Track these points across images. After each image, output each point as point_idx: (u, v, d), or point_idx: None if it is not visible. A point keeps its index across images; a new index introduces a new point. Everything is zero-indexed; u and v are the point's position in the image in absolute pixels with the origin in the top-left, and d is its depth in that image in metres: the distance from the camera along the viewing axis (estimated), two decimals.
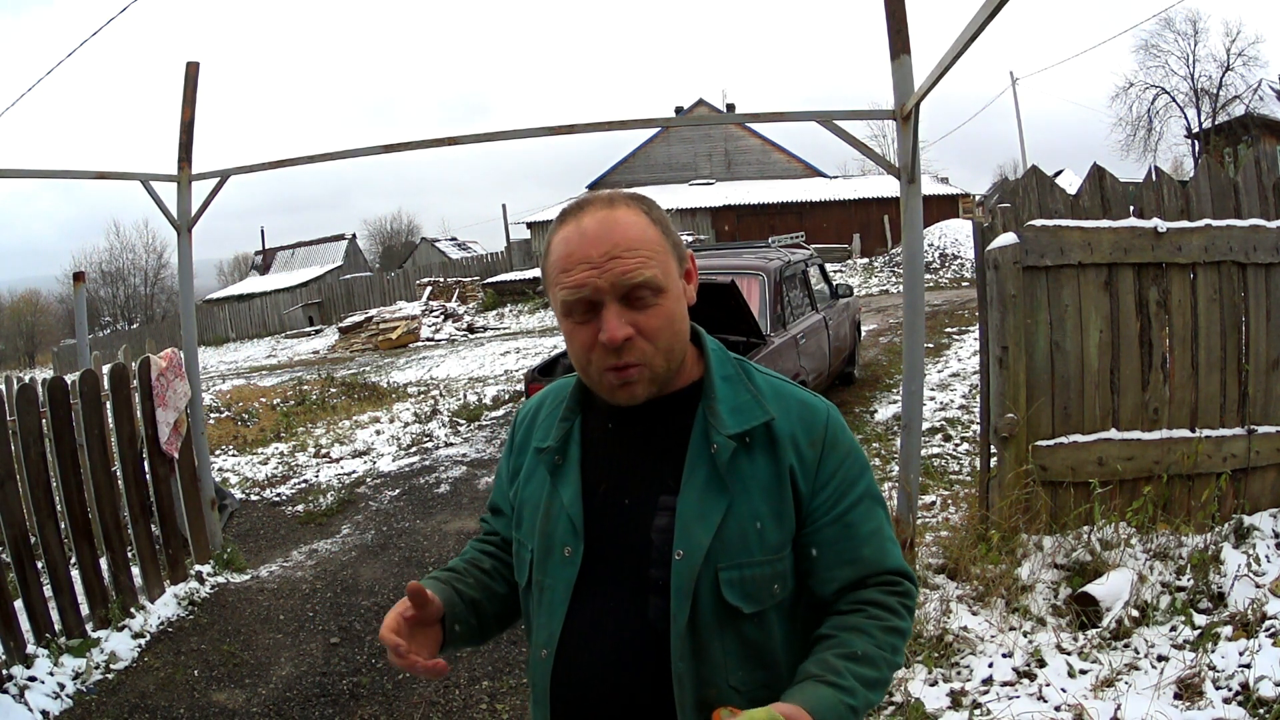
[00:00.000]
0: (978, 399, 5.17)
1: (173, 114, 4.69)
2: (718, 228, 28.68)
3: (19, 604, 3.73)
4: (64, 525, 4.02)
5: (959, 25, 2.84)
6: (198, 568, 4.75)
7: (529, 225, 31.27)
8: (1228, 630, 2.98)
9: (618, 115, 4.99)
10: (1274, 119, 24.75)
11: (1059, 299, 3.80)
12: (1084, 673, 2.94)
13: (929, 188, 26.44)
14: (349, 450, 8.07)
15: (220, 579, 4.80)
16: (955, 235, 19.56)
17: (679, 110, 33.80)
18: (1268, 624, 2.95)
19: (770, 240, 11.41)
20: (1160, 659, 2.96)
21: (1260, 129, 24.20)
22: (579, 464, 1.22)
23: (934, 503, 4.86)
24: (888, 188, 27.53)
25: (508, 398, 9.81)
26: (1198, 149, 26.73)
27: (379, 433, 8.61)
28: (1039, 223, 3.78)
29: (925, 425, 5.76)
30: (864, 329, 10.65)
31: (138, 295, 46.56)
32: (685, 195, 30.08)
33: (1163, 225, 3.79)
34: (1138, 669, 2.92)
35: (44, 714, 3.40)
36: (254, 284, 37.38)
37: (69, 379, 4.11)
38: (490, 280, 24.28)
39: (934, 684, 2.99)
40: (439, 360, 14.61)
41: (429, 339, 19.07)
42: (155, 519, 4.54)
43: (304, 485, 7.06)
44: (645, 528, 1.15)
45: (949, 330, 11.21)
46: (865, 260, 22.16)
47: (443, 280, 24.94)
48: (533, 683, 1.24)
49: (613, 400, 1.18)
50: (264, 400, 11.41)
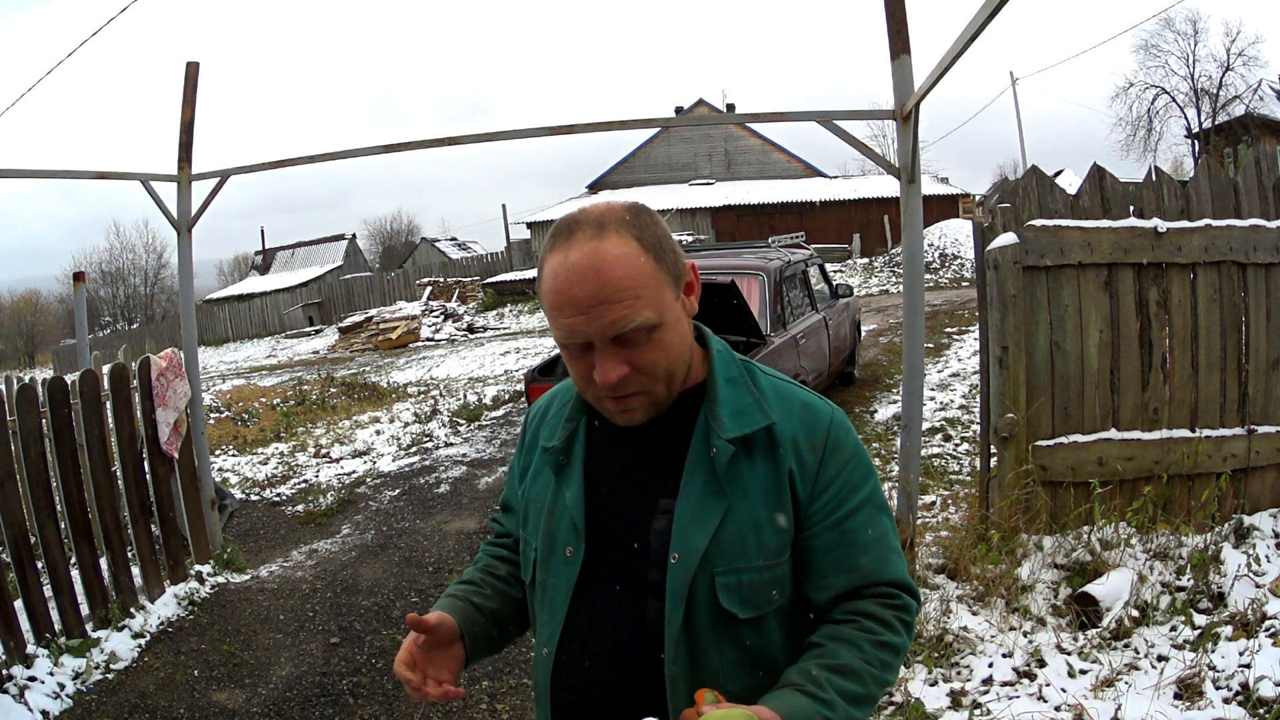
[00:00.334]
0: (978, 399, 5.17)
1: (173, 114, 4.69)
2: (718, 228, 28.67)
3: (19, 604, 3.73)
4: (64, 525, 4.02)
5: (959, 25, 2.84)
6: (198, 568, 4.75)
7: (529, 225, 31.26)
8: (1228, 630, 2.98)
9: (618, 115, 4.99)
10: (1274, 119, 24.75)
11: (1059, 299, 3.80)
12: (1084, 673, 2.94)
13: (929, 188, 26.43)
14: (349, 450, 8.07)
15: (220, 579, 4.80)
16: (955, 235, 19.55)
17: (679, 110, 33.80)
18: (1268, 624, 2.95)
19: (770, 240, 11.41)
20: (1160, 659, 2.96)
21: (1260, 129, 24.21)
22: (582, 464, 1.22)
23: (934, 503, 4.86)
24: (888, 188, 27.53)
25: (508, 398, 9.81)
26: (1198, 149, 26.74)
27: (379, 433, 8.61)
28: (1039, 223, 3.78)
29: (925, 425, 5.76)
30: (864, 329, 10.66)
31: (138, 295, 46.58)
32: (685, 195, 30.09)
33: (1163, 225, 3.79)
34: (1138, 669, 2.92)
35: (44, 714, 3.40)
36: (254, 284, 37.39)
37: (69, 379, 4.11)
38: (490, 280, 24.29)
39: (934, 684, 2.99)
40: (439, 360, 14.61)
41: (429, 339, 19.07)
42: (155, 519, 4.54)
43: (304, 485, 7.06)
44: (644, 530, 1.15)
45: (949, 330, 11.21)
46: (865, 260, 22.16)
47: (443, 280, 24.95)
48: (535, 681, 1.25)
49: (614, 421, 1.18)
50: (264, 400, 11.41)
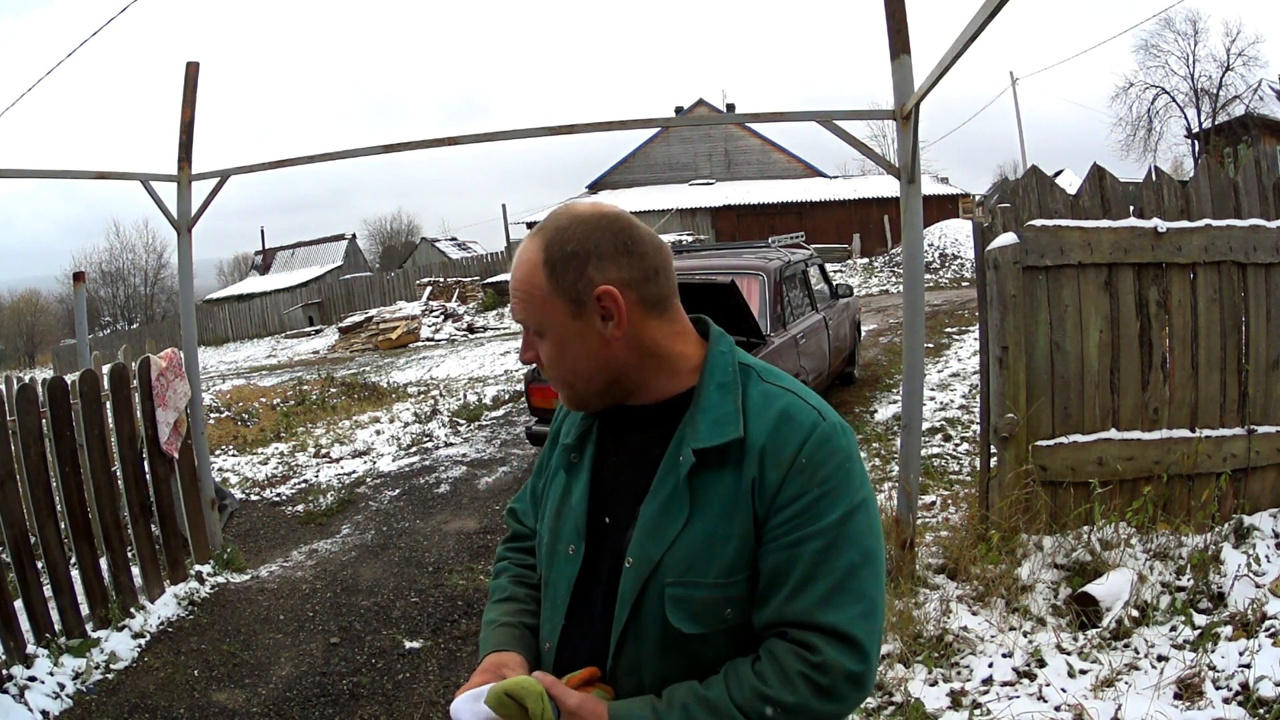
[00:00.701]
0: (978, 399, 5.17)
1: (173, 114, 4.69)
2: (718, 228, 28.68)
3: (19, 604, 3.73)
4: (64, 525, 4.01)
5: (959, 25, 2.84)
6: (198, 568, 4.75)
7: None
8: (1228, 630, 2.98)
9: (618, 115, 4.99)
10: (1274, 119, 24.76)
11: (1059, 299, 3.80)
12: (1084, 673, 2.94)
13: (929, 188, 26.43)
14: (349, 450, 8.07)
15: (220, 579, 4.80)
16: (955, 235, 19.55)
17: (679, 110, 33.80)
18: (1268, 624, 2.95)
19: (770, 240, 11.40)
20: (1160, 659, 2.96)
21: (1260, 129, 24.21)
22: (591, 463, 1.24)
23: (934, 503, 4.86)
24: (888, 188, 27.54)
25: (508, 398, 9.81)
26: (1198, 149, 26.74)
27: (379, 433, 8.61)
28: (1039, 223, 3.78)
29: (925, 425, 5.76)
30: (864, 329, 10.65)
31: (138, 295, 46.58)
32: (685, 195, 30.10)
33: (1163, 225, 3.79)
34: (1138, 669, 2.92)
35: (44, 714, 3.40)
36: (254, 284, 37.39)
37: (69, 379, 4.11)
38: (490, 280, 24.26)
39: (934, 684, 2.99)
40: (439, 360, 14.61)
41: (429, 339, 19.07)
42: (155, 519, 4.54)
43: (304, 485, 7.06)
44: (625, 533, 1.17)
45: (949, 330, 11.21)
46: (865, 260, 22.16)
47: (443, 280, 24.94)
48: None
49: None
50: (264, 400, 11.41)
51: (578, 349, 1.15)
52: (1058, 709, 2.74)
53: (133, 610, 4.19)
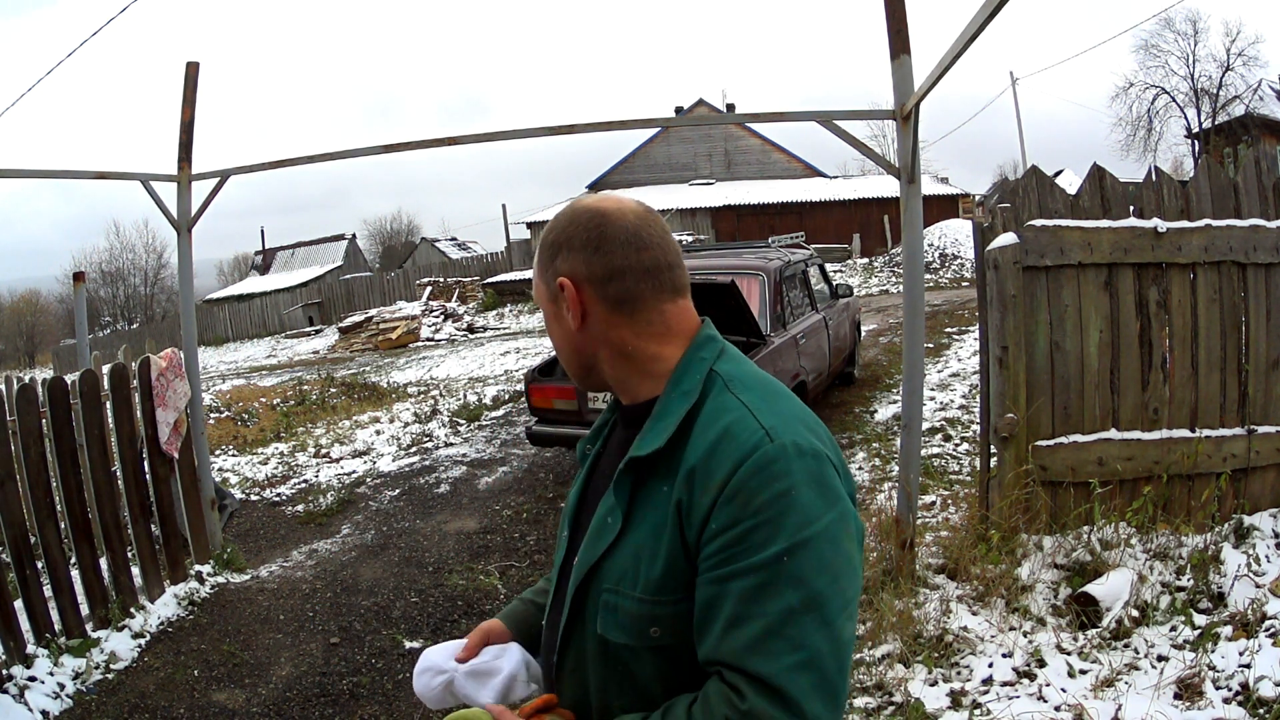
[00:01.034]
0: (978, 399, 5.17)
1: (173, 114, 4.69)
2: (718, 228, 28.68)
3: (19, 604, 3.73)
4: (64, 525, 4.02)
5: (959, 25, 2.84)
6: (198, 568, 4.75)
7: (529, 225, 31.27)
8: (1228, 630, 2.98)
9: (618, 115, 4.98)
10: (1274, 119, 24.76)
11: (1059, 299, 3.80)
12: (1084, 673, 2.94)
13: (929, 188, 26.44)
14: (349, 450, 8.07)
15: (220, 579, 4.80)
16: (955, 235, 19.55)
17: (679, 110, 33.80)
18: (1268, 624, 2.95)
19: (770, 240, 11.40)
20: (1160, 659, 2.96)
21: (1260, 129, 24.21)
22: (594, 458, 1.28)
23: (934, 503, 4.86)
24: (888, 188, 27.53)
25: (508, 398, 9.81)
26: (1198, 149, 26.74)
27: (379, 433, 8.61)
28: (1039, 223, 3.78)
29: (925, 425, 5.76)
30: (864, 329, 10.66)
31: (138, 295, 46.57)
32: (685, 195, 30.09)
33: (1163, 225, 3.79)
34: (1138, 669, 2.92)
35: (44, 714, 3.40)
36: (254, 284, 37.39)
37: (69, 379, 4.11)
38: (490, 280, 24.28)
39: (934, 684, 2.99)
40: (439, 360, 14.61)
41: (429, 339, 19.07)
42: (155, 519, 4.54)
43: (304, 485, 7.05)
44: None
45: (949, 330, 11.21)
46: (865, 260, 22.16)
47: (443, 280, 24.95)
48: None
49: None
50: (264, 400, 11.41)
51: (554, 331, 1.20)
52: (1058, 709, 2.74)
53: (133, 610, 4.19)
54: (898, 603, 3.42)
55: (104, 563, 4.18)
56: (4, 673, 3.46)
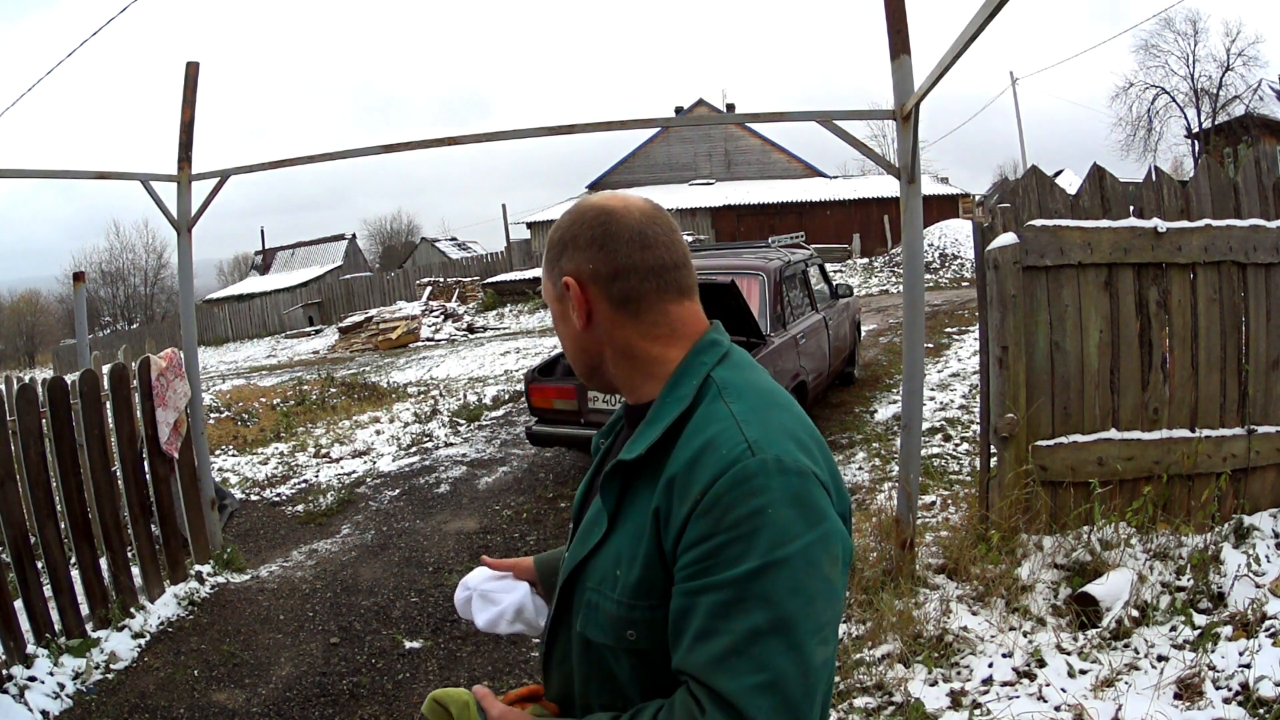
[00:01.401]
0: (978, 399, 5.17)
1: (172, 114, 4.70)
2: (718, 228, 28.69)
3: (19, 604, 3.73)
4: (64, 525, 4.02)
5: (959, 25, 2.84)
6: (198, 568, 4.75)
7: (529, 225, 31.27)
8: (1228, 630, 2.98)
9: (618, 115, 4.99)
10: (1274, 119, 24.76)
11: (1059, 299, 3.80)
12: (1084, 673, 2.94)
13: (929, 188, 26.46)
14: (349, 450, 8.07)
15: (220, 579, 4.80)
16: (955, 235, 19.56)
17: (679, 110, 33.82)
18: (1268, 624, 2.95)
19: (770, 240, 11.40)
20: (1160, 659, 2.96)
21: (1260, 129, 24.22)
22: (603, 454, 1.30)
23: (934, 503, 4.86)
24: (888, 188, 27.54)
25: (508, 398, 9.81)
26: (1198, 149, 26.75)
27: (379, 433, 8.61)
28: (1039, 223, 3.78)
29: (925, 425, 5.76)
30: (864, 329, 10.66)
31: (138, 295, 46.56)
32: (685, 195, 30.09)
33: (1163, 225, 3.79)
34: (1138, 669, 2.92)
35: (44, 714, 3.40)
36: (254, 284, 37.39)
37: (69, 379, 4.11)
38: (490, 280, 24.28)
39: (934, 684, 2.99)
40: (439, 360, 14.61)
41: (429, 339, 19.07)
42: (155, 519, 4.54)
43: (304, 485, 7.05)
44: None
45: (949, 330, 11.22)
46: (865, 260, 22.16)
47: (443, 280, 24.95)
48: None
49: None
50: (264, 400, 11.41)
51: (561, 330, 1.20)
52: (1058, 709, 2.74)
53: (133, 610, 4.19)
54: (898, 603, 3.42)
55: (104, 563, 4.18)
56: (4, 673, 3.46)
